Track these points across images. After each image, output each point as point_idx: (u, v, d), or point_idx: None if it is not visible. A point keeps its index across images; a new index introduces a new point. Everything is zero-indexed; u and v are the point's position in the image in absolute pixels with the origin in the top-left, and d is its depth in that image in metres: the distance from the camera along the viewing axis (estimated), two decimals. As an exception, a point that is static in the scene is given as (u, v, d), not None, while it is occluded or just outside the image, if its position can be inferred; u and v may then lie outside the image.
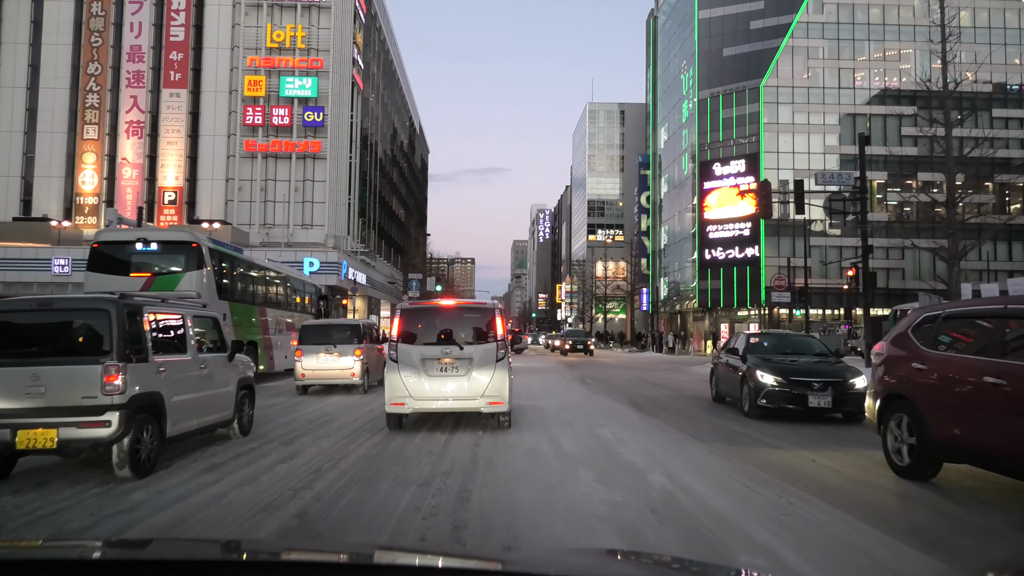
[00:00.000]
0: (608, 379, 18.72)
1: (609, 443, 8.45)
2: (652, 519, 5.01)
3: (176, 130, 46.43)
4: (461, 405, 8.73)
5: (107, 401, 6.14)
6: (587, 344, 40.26)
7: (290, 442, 8.51)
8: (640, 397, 14.01)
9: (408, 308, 9.32)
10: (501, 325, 8.97)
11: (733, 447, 8.18)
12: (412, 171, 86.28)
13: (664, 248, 68.27)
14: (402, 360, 8.66)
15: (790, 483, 6.15)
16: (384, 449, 7.98)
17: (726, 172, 53.50)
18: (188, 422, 7.39)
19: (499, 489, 5.92)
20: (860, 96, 52.28)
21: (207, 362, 7.95)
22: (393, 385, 8.68)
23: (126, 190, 46.61)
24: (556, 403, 12.64)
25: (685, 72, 60.12)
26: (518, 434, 8.91)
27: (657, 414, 11.44)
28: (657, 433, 9.35)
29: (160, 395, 6.79)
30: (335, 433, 9.21)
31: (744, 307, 52.49)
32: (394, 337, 8.84)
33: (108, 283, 12.83)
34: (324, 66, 46.45)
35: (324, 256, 42.16)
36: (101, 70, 46.27)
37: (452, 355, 8.64)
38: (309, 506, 5.41)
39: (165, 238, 15.30)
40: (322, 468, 6.90)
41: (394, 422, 9.15)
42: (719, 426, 10.08)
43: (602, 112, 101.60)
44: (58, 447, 6.06)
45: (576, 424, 10.06)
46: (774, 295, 22.92)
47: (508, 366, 8.88)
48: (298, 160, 46.32)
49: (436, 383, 8.62)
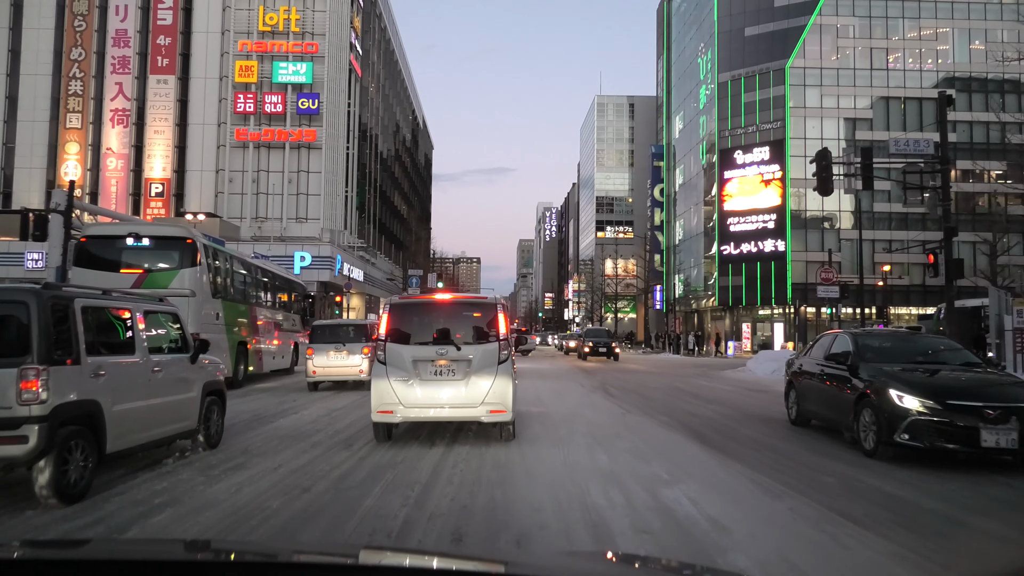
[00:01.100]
0: (636, 389, 15.67)
1: (695, 527, 5.03)
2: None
3: (163, 118, 44.36)
4: (458, 414, 7.99)
5: (24, 412, 5.20)
6: (611, 346, 33.95)
7: (247, 463, 7.21)
8: (690, 417, 10.77)
9: (398, 303, 8.50)
10: (504, 323, 8.18)
11: (922, 537, 4.82)
12: (415, 167, 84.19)
13: (679, 243, 65.22)
14: (391, 362, 7.91)
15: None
16: (361, 472, 6.68)
17: (749, 160, 50.30)
18: (136, 435, 6.45)
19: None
20: (894, 78, 49.18)
21: (163, 364, 6.99)
22: (380, 391, 7.90)
23: (111, 181, 44.64)
24: (582, 429, 9.41)
25: (703, 55, 57.19)
26: (532, 489, 6.06)
27: (733, 451, 8.08)
28: (763, 498, 5.90)
29: (97, 403, 5.84)
30: (311, 449, 8.01)
31: (768, 305, 49.40)
32: (382, 336, 8.09)
33: (96, 280, 12.02)
34: (319, 51, 44.45)
35: (316, 250, 39.71)
36: (85, 55, 44.18)
37: (448, 356, 7.89)
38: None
39: (158, 233, 14.58)
40: (275, 507, 5.51)
41: (382, 433, 8.29)
42: (848, 478, 6.72)
43: (611, 105, 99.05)
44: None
45: (621, 475, 6.64)
46: (820, 290, 20.11)
47: (512, 369, 8.13)
48: (292, 150, 44.34)
49: (430, 388, 7.86)
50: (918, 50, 49.87)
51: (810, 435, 9.12)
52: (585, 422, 10.08)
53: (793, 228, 47.97)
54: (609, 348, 33.58)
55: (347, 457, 7.41)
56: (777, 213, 48.26)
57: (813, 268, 47.08)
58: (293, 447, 8.03)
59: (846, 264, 46.75)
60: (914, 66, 49.22)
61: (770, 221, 48.61)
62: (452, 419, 8.17)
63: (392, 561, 1.87)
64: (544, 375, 20.46)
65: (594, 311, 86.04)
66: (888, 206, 47.32)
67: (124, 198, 43.87)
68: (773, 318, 49.50)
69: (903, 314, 48.41)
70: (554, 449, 7.86)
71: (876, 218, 47.55)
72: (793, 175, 48.14)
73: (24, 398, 5.21)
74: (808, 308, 46.83)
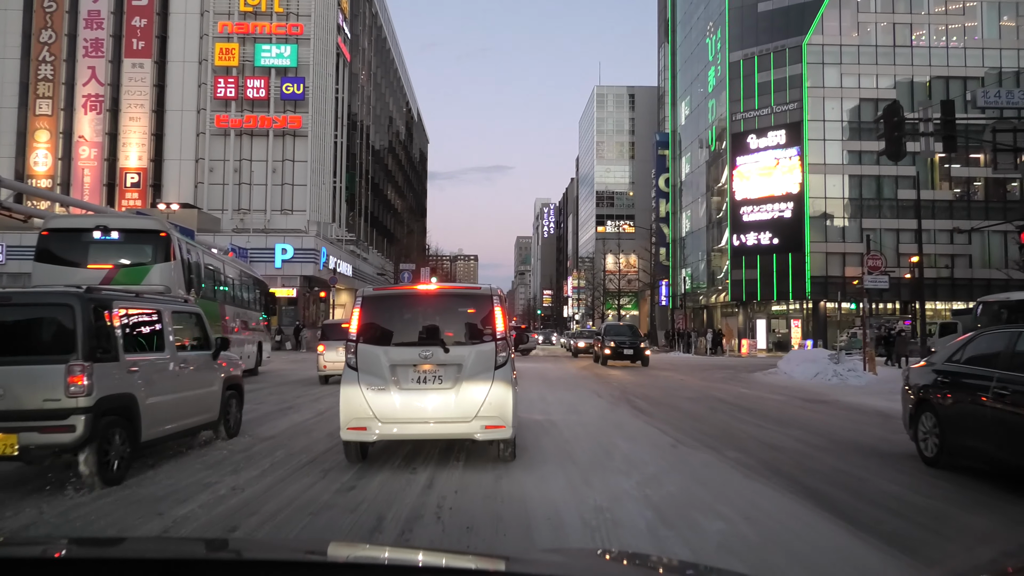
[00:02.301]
0: (666, 400, 12.74)
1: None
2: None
3: (139, 104, 42.36)
4: (446, 430, 6.79)
5: (71, 404, 5.77)
6: (639, 348, 25.78)
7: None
8: (771, 453, 7.59)
9: (372, 296, 7.27)
10: (502, 318, 6.97)
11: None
12: (410, 161, 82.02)
13: (686, 236, 62.29)
14: (364, 367, 6.76)
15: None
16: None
17: (763, 144, 47.17)
18: (165, 425, 7.04)
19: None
20: (919, 56, 46.17)
21: (188, 361, 7.62)
22: (351, 402, 6.70)
23: (83, 171, 42.63)
24: (623, 483, 6.09)
25: (711, 35, 54.26)
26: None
27: (898, 534, 4.75)
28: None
29: (132, 396, 6.44)
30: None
31: (785, 300, 46.50)
32: (352, 335, 6.88)
33: (61, 276, 11.77)
34: (304, 32, 42.62)
35: (299, 242, 37.20)
36: (55, 38, 42.13)
37: (434, 360, 6.73)
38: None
39: (129, 226, 13.77)
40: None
41: (354, 453, 7.05)
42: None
43: (611, 96, 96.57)
44: (19, 454, 5.71)
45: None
46: (867, 280, 17.54)
47: (512, 375, 6.95)
48: (276, 138, 42.38)
49: (411, 399, 6.70)
50: (944, 26, 47.03)
51: (971, 487, 6.00)
52: (623, 462, 6.97)
53: (812, 217, 45.13)
54: (637, 350, 25.49)
55: (310, 486, 6.04)
56: (795, 201, 45.19)
57: (834, 260, 44.41)
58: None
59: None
60: (940, 43, 46.37)
61: (787, 210, 45.54)
62: (439, 436, 7.02)
63: (402, 557, 1.89)
64: (549, 380, 17.79)
65: (595, 308, 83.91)
66: (913, 193, 44.51)
67: (97, 189, 41.67)
68: (789, 314, 46.66)
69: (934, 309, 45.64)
70: (588, 533, 4.64)
71: (901, 206, 44.78)
72: (812, 160, 45.36)
73: (71, 391, 5.75)
74: (828, 303, 44.04)
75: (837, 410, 11.70)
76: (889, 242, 42.15)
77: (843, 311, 44.69)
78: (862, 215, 44.94)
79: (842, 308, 44.52)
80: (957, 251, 44.49)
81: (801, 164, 44.95)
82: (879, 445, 8.23)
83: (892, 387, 15.43)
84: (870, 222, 44.47)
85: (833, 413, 11.29)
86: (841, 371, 16.72)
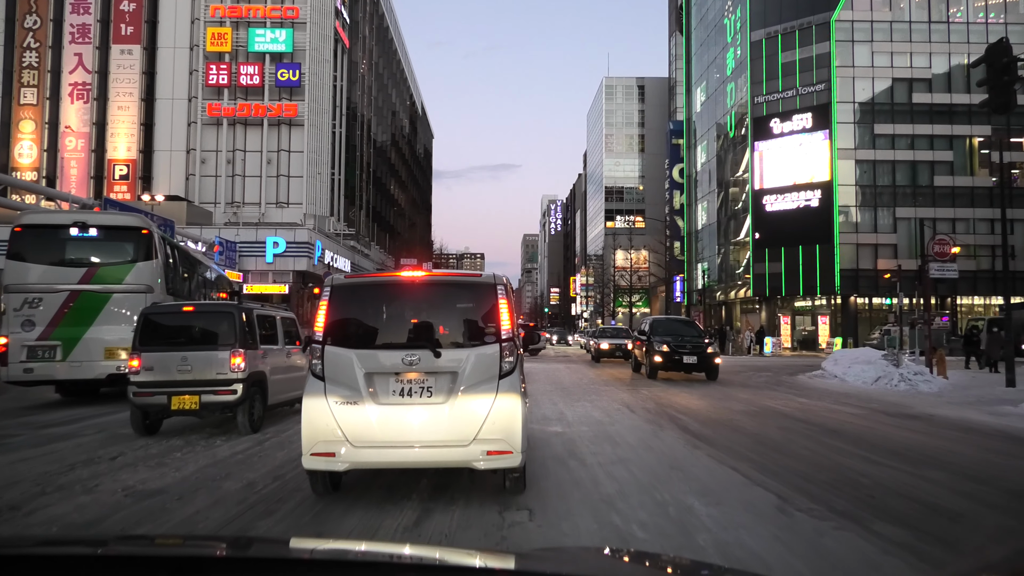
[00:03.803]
0: (722, 418, 10.06)
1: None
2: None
3: (128, 93, 40.51)
4: (436, 456, 5.37)
5: (234, 376, 8.73)
6: (707, 354, 17.67)
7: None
8: (932, 517, 5.10)
9: (343, 285, 5.77)
10: (508, 313, 5.56)
11: None
12: (414, 155, 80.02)
13: (702, 228, 59.67)
14: (332, 376, 5.40)
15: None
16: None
17: (787, 129, 44.34)
18: (280, 395, 10.02)
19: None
20: (956, 33, 43.34)
21: (289, 351, 10.62)
22: (315, 421, 5.33)
23: (70, 163, 41.04)
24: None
25: (730, 14, 51.56)
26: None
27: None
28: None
29: (264, 373, 9.40)
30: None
31: (812, 295, 43.85)
32: (317, 335, 5.49)
33: (35, 275, 11.75)
34: (300, 16, 40.89)
35: (292, 235, 35.06)
36: (40, 24, 40.38)
37: (421, 366, 5.38)
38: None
39: (108, 223, 13.48)
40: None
41: (321, 484, 5.68)
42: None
43: (620, 87, 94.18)
44: (200, 408, 8.69)
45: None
46: (934, 268, 15.19)
47: (521, 385, 5.50)
48: (271, 127, 40.59)
49: (392, 416, 5.34)
50: (984, 1, 44.17)
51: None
52: (716, 551, 4.23)
53: (841, 206, 42.34)
54: (703, 356, 17.41)
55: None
56: (822, 189, 42.39)
57: (865, 252, 41.73)
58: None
59: (902, 247, 41.40)
60: (979, 19, 43.45)
61: (813, 198, 42.74)
62: (427, 464, 5.68)
63: (413, 553, 1.90)
64: (566, 390, 15.56)
65: (604, 305, 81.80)
66: (951, 179, 41.95)
67: (85, 181, 39.88)
68: (816, 310, 43.98)
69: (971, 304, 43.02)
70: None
71: (937, 194, 42.12)
72: (840, 144, 42.65)
73: (233, 367, 8.78)
74: (859, 299, 41.41)
75: (944, 429, 9.30)
76: (924, 232, 39.59)
77: (874, 307, 42.07)
78: (895, 203, 42.23)
79: (873, 303, 41.91)
80: (999, 241, 41.45)
81: (829, 149, 42.19)
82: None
83: (977, 395, 13.12)
84: (904, 211, 41.97)
85: (944, 435, 8.81)
86: (908, 375, 14.37)
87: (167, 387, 8.44)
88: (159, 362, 8.55)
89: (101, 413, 10.77)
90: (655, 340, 17.85)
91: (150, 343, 8.68)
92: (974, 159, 42.61)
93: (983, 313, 39.92)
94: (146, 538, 2.85)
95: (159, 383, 8.46)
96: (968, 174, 41.85)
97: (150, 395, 8.43)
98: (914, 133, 41.99)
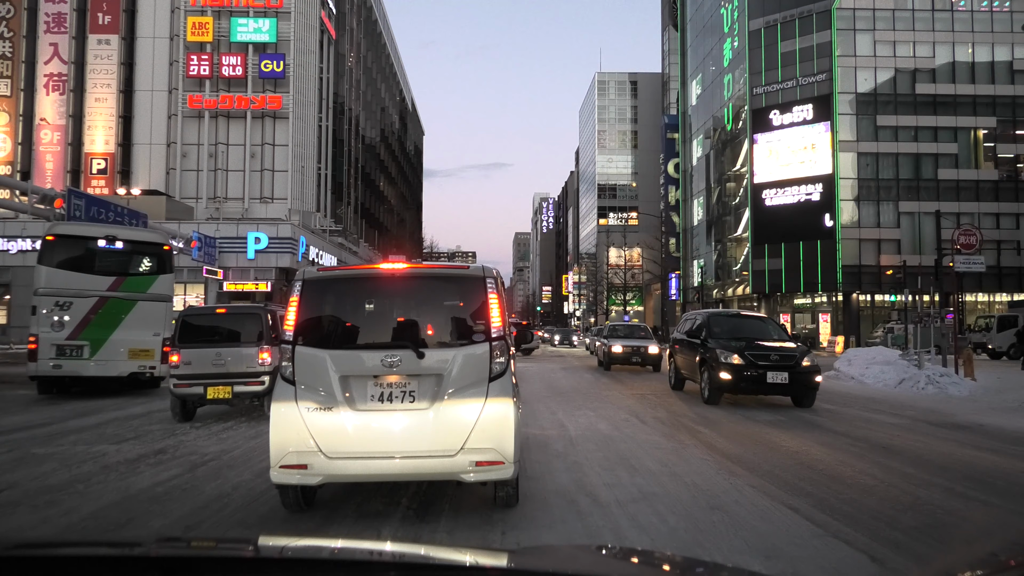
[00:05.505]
0: (754, 435, 8.25)
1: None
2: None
3: (106, 84, 39.36)
4: (420, 468, 4.96)
5: (262, 369, 9.74)
6: (803, 367, 11.24)
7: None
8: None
9: (315, 279, 5.30)
10: (499, 310, 5.16)
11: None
12: (404, 152, 78.85)
13: (698, 224, 58.65)
14: (304, 379, 5.00)
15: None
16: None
17: (787, 121, 43.33)
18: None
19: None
20: (960, 21, 42.37)
21: None
22: (285, 429, 4.91)
23: (45, 157, 39.91)
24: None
25: (727, 4, 50.57)
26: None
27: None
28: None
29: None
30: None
31: (813, 292, 42.84)
32: (287, 334, 5.08)
33: (69, 280, 12.80)
34: (284, 5, 40.01)
35: (275, 231, 33.81)
36: (14, 12, 39.18)
37: (403, 368, 4.98)
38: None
39: (135, 237, 14.93)
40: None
41: (293, 499, 5.24)
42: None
43: (612, 83, 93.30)
44: (232, 397, 9.71)
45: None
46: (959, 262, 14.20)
47: (513, 388, 5.10)
48: (254, 120, 39.45)
49: (370, 424, 4.95)
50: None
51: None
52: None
53: (843, 200, 41.23)
54: (797, 374, 11.18)
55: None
56: (824, 183, 41.33)
57: (868, 247, 40.71)
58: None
59: (906, 242, 40.46)
60: (983, 7, 42.45)
61: (815, 192, 41.68)
62: (410, 476, 5.29)
63: (403, 551, 1.87)
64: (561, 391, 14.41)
65: (597, 304, 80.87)
66: (956, 172, 40.93)
67: (61, 175, 38.57)
68: (816, 307, 42.97)
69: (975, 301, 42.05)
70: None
71: (942, 188, 41.19)
72: (842, 136, 41.60)
73: (261, 361, 9.80)
74: (861, 295, 40.40)
75: (1009, 445, 8.04)
76: (928, 227, 38.48)
77: (876, 304, 41.12)
78: (898, 197, 41.28)
79: (875, 300, 40.95)
80: (1004, 236, 40.75)
81: (831, 141, 41.18)
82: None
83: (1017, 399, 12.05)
84: (907, 205, 40.99)
85: (1014, 452, 7.54)
86: (934, 377, 13.32)
87: (204, 379, 9.50)
88: (196, 357, 9.61)
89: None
90: (718, 346, 11.77)
91: (187, 341, 9.76)
92: (979, 151, 41.66)
93: (986, 310, 39.03)
94: (125, 543, 2.65)
95: (196, 375, 9.52)
96: (973, 167, 40.94)
97: (188, 386, 9.51)
98: (917, 125, 40.99)
